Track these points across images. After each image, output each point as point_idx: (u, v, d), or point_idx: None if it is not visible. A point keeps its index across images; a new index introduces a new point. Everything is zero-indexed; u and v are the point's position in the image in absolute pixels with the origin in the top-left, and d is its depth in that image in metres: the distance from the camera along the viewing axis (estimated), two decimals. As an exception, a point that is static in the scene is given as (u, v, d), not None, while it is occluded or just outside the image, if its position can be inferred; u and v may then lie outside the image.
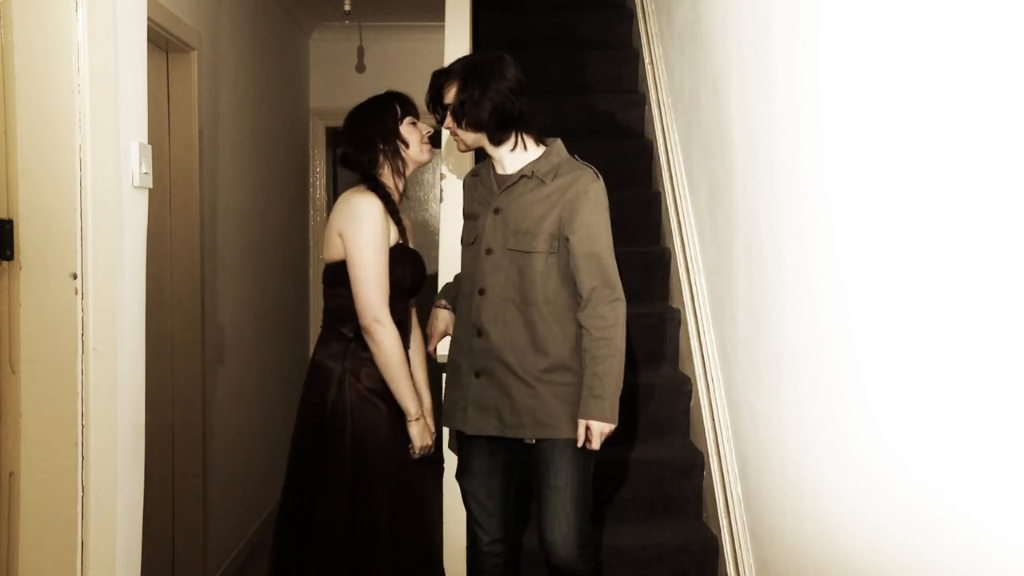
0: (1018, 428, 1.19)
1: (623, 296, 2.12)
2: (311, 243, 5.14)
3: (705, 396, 2.79)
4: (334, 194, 5.59)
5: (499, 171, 2.23)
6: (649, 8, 3.80)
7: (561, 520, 2.13)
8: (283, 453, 4.57)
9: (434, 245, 5.60)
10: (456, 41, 3.05)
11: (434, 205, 6.08)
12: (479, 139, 2.19)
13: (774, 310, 2.15)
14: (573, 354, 2.13)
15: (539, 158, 2.18)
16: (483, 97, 2.12)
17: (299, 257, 4.95)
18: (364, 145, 2.30)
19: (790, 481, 2.06)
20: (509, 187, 2.19)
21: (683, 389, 2.96)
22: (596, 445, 2.08)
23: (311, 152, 5.12)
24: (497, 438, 2.18)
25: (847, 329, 1.71)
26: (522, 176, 2.18)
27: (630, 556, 2.61)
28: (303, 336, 5.03)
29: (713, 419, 2.71)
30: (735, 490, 2.50)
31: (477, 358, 2.19)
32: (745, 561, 2.41)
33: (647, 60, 3.70)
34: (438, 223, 3.98)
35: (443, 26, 3.13)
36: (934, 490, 1.41)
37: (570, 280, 2.14)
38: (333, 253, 2.25)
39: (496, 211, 2.18)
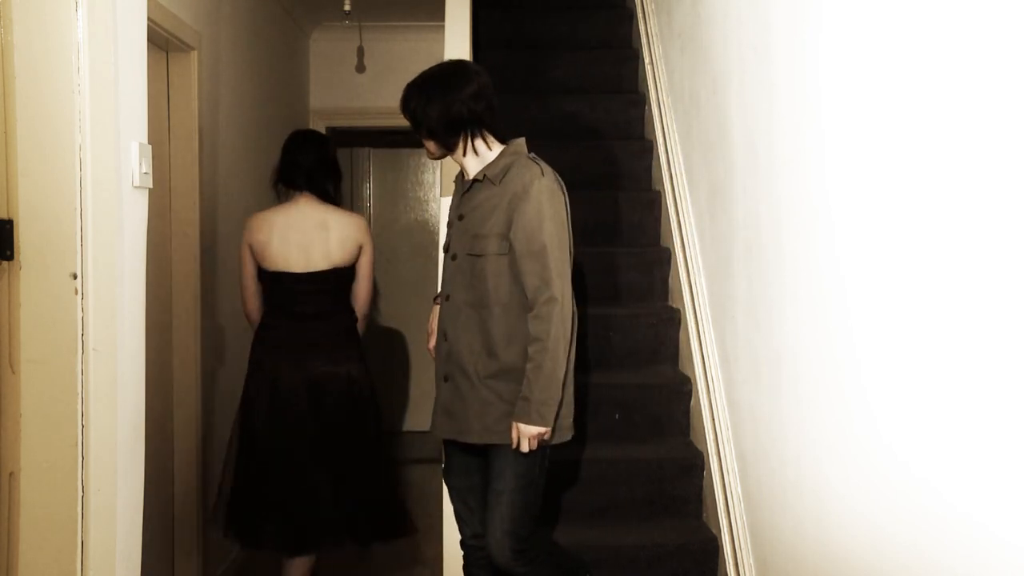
0: (1018, 428, 1.19)
1: (559, 296, 2.07)
2: (311, 243, 5.13)
3: (705, 396, 2.79)
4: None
5: (466, 177, 2.26)
6: (649, 8, 3.80)
7: (496, 524, 2.15)
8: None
9: (434, 245, 5.61)
10: (456, 41, 3.05)
11: (434, 205, 6.07)
12: (438, 146, 2.23)
13: (774, 310, 2.15)
14: (524, 358, 2.12)
15: (493, 160, 2.20)
16: (428, 106, 2.16)
17: (299, 257, 4.93)
18: (334, 174, 3.01)
19: (790, 481, 2.06)
20: (467, 192, 2.23)
21: (683, 389, 2.96)
22: (524, 448, 2.08)
23: (311, 152, 5.11)
24: None
25: (847, 329, 1.71)
26: (475, 180, 2.21)
27: (630, 556, 2.61)
28: (303, 336, 5.02)
29: (713, 419, 2.71)
30: (735, 490, 2.50)
31: (444, 363, 2.24)
32: (745, 561, 2.41)
33: (647, 60, 3.70)
34: (438, 223, 3.97)
35: (443, 26, 3.13)
36: (934, 490, 1.41)
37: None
38: (348, 259, 2.91)
39: (460, 217, 2.23)
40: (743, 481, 2.46)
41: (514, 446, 2.10)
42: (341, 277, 2.89)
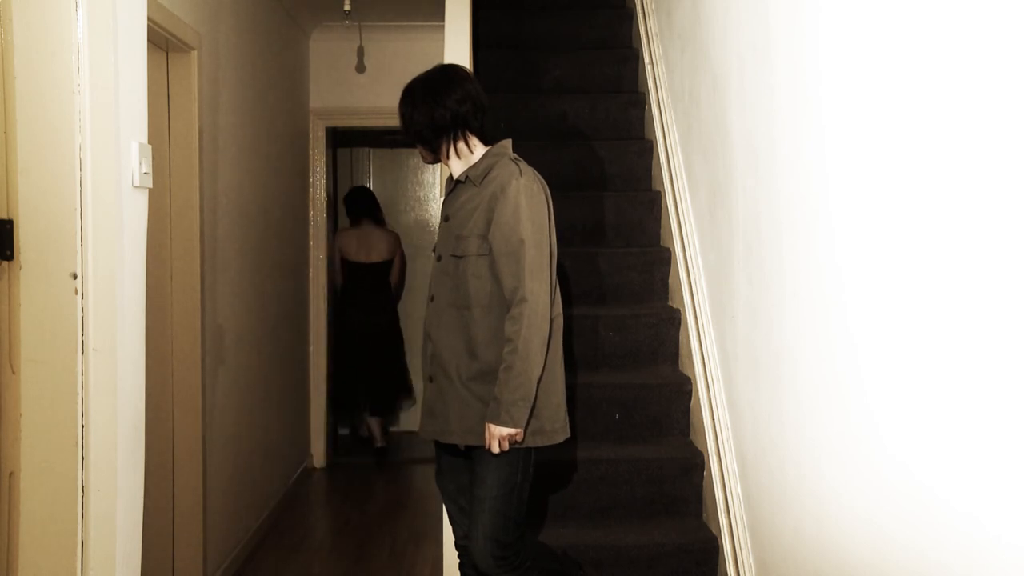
0: (1017, 428, 1.19)
1: (531, 296, 2.06)
2: (311, 243, 5.13)
3: (705, 396, 2.79)
4: (335, 194, 5.59)
5: (453, 179, 2.29)
6: (649, 8, 3.80)
7: (478, 529, 2.15)
8: (283, 452, 4.58)
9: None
10: (456, 41, 3.05)
11: (434, 205, 6.07)
12: (426, 150, 2.26)
13: (774, 310, 2.15)
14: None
15: (476, 162, 2.22)
16: (414, 111, 2.21)
17: (299, 257, 4.94)
18: (378, 209, 5.46)
19: (790, 481, 2.07)
20: (451, 193, 2.26)
21: (683, 389, 2.96)
22: (495, 449, 2.08)
23: (311, 152, 5.12)
24: None
25: (847, 329, 1.71)
26: (458, 182, 2.24)
27: (630, 556, 2.61)
28: (303, 335, 5.03)
29: (713, 419, 2.71)
30: (735, 490, 2.50)
31: (428, 363, 2.25)
32: (745, 561, 2.41)
33: (647, 60, 3.70)
34: (437, 223, 3.98)
35: (443, 26, 3.13)
36: (933, 490, 1.41)
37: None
38: (389, 256, 5.39)
39: (447, 218, 2.25)
40: (743, 481, 2.46)
41: (486, 447, 2.10)
42: (384, 265, 5.36)
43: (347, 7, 4.31)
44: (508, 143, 2.26)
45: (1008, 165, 1.20)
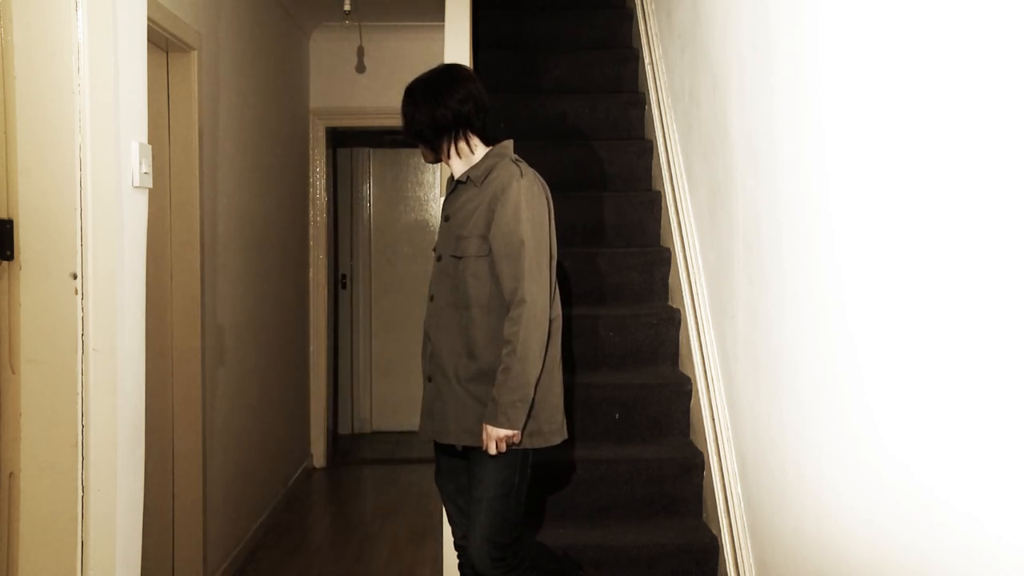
0: (1017, 428, 1.19)
1: (530, 298, 2.06)
2: (311, 243, 5.13)
3: (705, 396, 2.79)
4: (335, 194, 5.60)
5: (454, 179, 2.29)
6: (649, 8, 3.80)
7: (475, 530, 2.15)
8: (283, 452, 4.58)
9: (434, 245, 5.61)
10: (456, 41, 3.05)
11: (434, 205, 6.08)
12: (427, 149, 2.26)
13: (774, 310, 2.15)
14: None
15: (477, 162, 2.22)
16: (416, 111, 2.21)
17: (299, 257, 4.94)
18: None
19: (790, 481, 2.07)
20: (452, 193, 2.26)
21: (683, 389, 2.96)
22: (492, 450, 2.08)
23: (311, 152, 5.12)
24: None
25: (847, 329, 1.71)
26: (459, 182, 2.24)
27: (630, 556, 2.61)
28: (303, 335, 5.02)
29: (713, 419, 2.71)
30: (735, 490, 2.50)
31: (427, 363, 2.25)
32: (745, 561, 2.41)
33: (647, 60, 3.70)
34: (437, 223, 3.98)
35: (443, 26, 3.13)
36: (933, 490, 1.41)
37: None
38: None
39: (447, 219, 2.25)
40: (743, 481, 2.46)
41: (483, 448, 2.10)
42: None
43: (347, 7, 4.31)
44: (510, 144, 2.26)
45: (1008, 166, 1.20)
